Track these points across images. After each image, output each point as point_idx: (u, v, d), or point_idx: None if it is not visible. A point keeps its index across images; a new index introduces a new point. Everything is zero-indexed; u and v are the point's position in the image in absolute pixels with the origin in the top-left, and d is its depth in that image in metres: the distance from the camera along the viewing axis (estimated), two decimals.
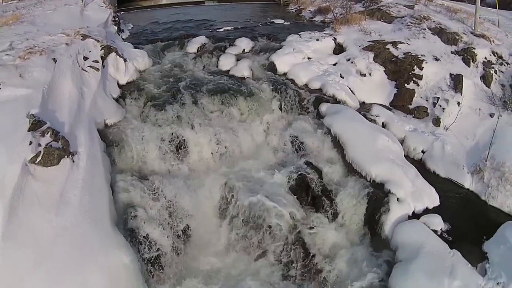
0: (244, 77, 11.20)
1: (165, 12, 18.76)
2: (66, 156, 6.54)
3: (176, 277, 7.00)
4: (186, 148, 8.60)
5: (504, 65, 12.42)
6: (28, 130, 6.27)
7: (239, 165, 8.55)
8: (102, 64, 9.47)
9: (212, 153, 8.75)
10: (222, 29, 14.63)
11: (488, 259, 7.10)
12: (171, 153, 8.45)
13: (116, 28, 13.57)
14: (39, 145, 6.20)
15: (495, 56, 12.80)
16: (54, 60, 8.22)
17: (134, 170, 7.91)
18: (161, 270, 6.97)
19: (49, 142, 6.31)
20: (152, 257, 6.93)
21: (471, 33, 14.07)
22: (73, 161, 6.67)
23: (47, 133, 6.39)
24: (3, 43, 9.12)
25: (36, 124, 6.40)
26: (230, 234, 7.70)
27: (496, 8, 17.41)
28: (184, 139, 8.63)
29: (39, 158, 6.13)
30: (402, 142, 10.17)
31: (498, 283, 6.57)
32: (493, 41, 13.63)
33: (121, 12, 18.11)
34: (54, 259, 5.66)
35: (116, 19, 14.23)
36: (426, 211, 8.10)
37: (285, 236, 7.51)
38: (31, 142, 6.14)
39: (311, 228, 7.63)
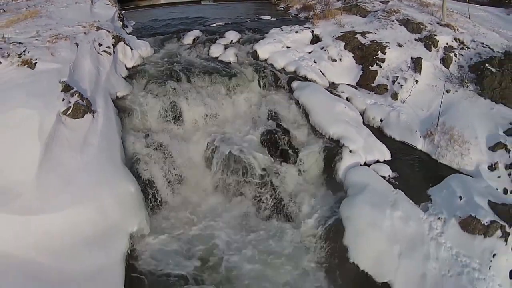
0: (230, 62, 13.64)
1: (163, 11, 21.22)
2: (88, 112, 8.96)
3: (170, 208, 9.29)
4: (181, 113, 10.99)
5: (465, 50, 14.77)
6: (61, 91, 8.70)
7: (223, 127, 10.96)
8: (113, 50, 11.94)
9: (201, 118, 11.09)
10: (214, 25, 17.11)
11: (432, 200, 9.14)
12: (169, 117, 10.82)
13: (121, 23, 16.07)
14: (69, 102, 8.64)
15: (457, 42, 15.16)
16: (76, 44, 10.72)
17: (139, 129, 10.33)
18: (159, 203, 9.28)
19: (77, 101, 8.74)
20: (152, 192, 9.25)
21: (437, 23, 16.52)
22: (93, 117, 9.08)
23: (75, 94, 8.83)
24: (30, 32, 11.59)
25: (66, 88, 8.86)
26: (214, 178, 10.03)
27: (483, 4, 20.21)
28: (179, 107, 11.00)
29: (69, 111, 8.56)
30: (363, 113, 12.53)
31: (439, 218, 8.59)
32: (457, 29, 16.06)
33: (122, 11, 20.47)
34: (77, 185, 7.94)
35: (121, 15, 16.74)
36: (377, 162, 10.31)
37: (257, 179, 9.78)
38: (63, 99, 8.58)
39: (278, 173, 9.91)
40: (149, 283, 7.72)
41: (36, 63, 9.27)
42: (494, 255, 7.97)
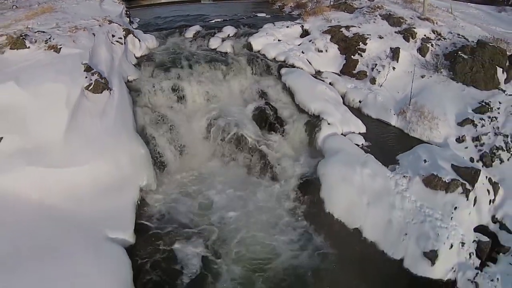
0: (227, 52, 15.51)
1: (165, 9, 23.14)
2: (106, 89, 10.78)
3: (174, 171, 11.03)
4: (184, 94, 12.79)
5: (441, 40, 16.57)
6: (84, 71, 10.54)
7: (220, 105, 12.74)
8: (124, 41, 13.78)
9: (201, 98, 12.89)
10: (213, 21, 19.01)
11: (399, 163, 10.81)
12: (173, 97, 12.63)
13: (128, 19, 17.97)
14: (91, 79, 10.45)
15: (434, 33, 16.98)
16: (93, 34, 12.58)
17: (148, 106, 12.11)
18: (164, 167, 11.05)
19: (97, 79, 10.56)
20: (159, 158, 11.01)
21: (418, 17, 18.38)
22: (110, 93, 10.89)
23: (95, 74, 10.66)
24: (51, 24, 13.41)
25: (88, 68, 10.69)
26: (211, 147, 11.82)
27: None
28: (182, 89, 12.81)
29: (90, 87, 10.38)
30: (344, 95, 14.29)
31: (404, 176, 10.21)
32: (436, 23, 17.92)
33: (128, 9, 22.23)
34: (98, 145, 9.73)
35: (127, 12, 18.65)
36: (353, 133, 12.04)
37: (248, 147, 11.54)
38: (86, 77, 10.41)
39: (267, 142, 11.67)
40: (154, 226, 9.44)
41: (60, 48, 11.11)
42: (455, 208, 9.48)
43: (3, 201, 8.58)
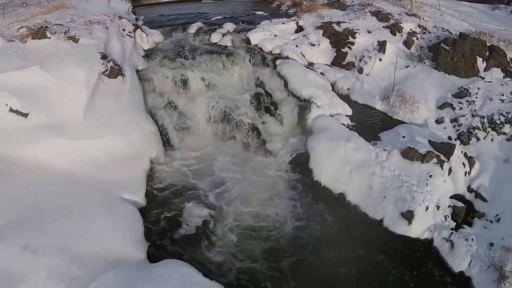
0: (227, 46, 17.03)
1: (167, 8, 24.64)
2: (120, 75, 12.28)
3: (179, 148, 12.51)
4: (188, 82, 14.26)
5: (426, 34, 18.07)
6: (100, 58, 12.03)
7: (220, 91, 14.21)
8: (133, 35, 15.28)
9: (204, 85, 14.34)
10: (214, 18, 20.57)
11: (380, 139, 12.26)
12: (178, 84, 14.11)
13: (134, 16, 19.50)
14: (107, 66, 11.97)
15: (420, 28, 18.49)
16: (106, 28, 14.11)
17: (156, 92, 13.57)
18: (171, 144, 12.49)
19: (112, 65, 12.08)
20: (166, 136, 12.45)
21: (406, 13, 19.91)
22: (123, 79, 12.41)
23: (111, 61, 12.17)
24: (66, 18, 14.94)
25: (104, 56, 12.21)
26: (212, 128, 13.30)
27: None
28: (186, 77, 14.30)
29: (107, 72, 11.88)
30: (334, 84, 15.73)
31: (384, 149, 11.65)
32: (423, 18, 19.47)
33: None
34: (113, 122, 11.24)
35: (133, 10, 20.18)
36: (339, 115, 13.46)
37: (245, 127, 12.98)
38: (102, 63, 11.92)
39: (263, 122, 13.12)
40: (162, 192, 10.89)
41: (79, 39, 12.63)
42: (430, 176, 10.89)
43: (31, 167, 10.04)
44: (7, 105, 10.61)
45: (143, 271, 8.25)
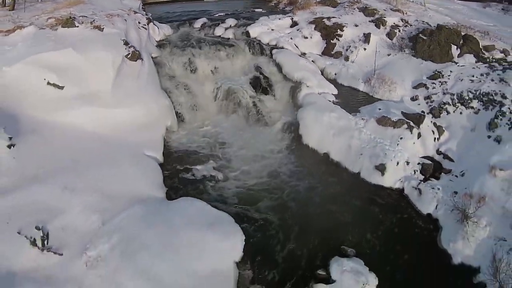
0: (229, 38, 19.67)
1: (172, 6, 27.21)
2: (139, 59, 14.91)
3: (189, 121, 15.04)
4: (196, 67, 16.85)
5: (408, 26, 20.71)
6: (123, 44, 14.65)
7: (224, 75, 16.81)
8: (147, 27, 17.90)
9: (210, 70, 16.94)
10: (217, 15, 23.23)
11: (360, 112, 14.82)
12: (188, 69, 16.70)
13: (144, 12, 22.12)
14: (129, 50, 14.60)
15: (403, 21, 21.14)
16: (125, 20, 16.76)
17: (169, 75, 16.16)
18: (183, 119, 15.03)
19: (133, 50, 14.73)
20: (178, 111, 15.00)
21: (391, 9, 22.49)
22: (142, 62, 15.03)
23: (131, 47, 14.82)
24: (87, 11, 17.49)
25: (126, 43, 14.89)
26: (217, 105, 15.90)
27: None
28: (195, 63, 16.89)
29: (129, 55, 14.51)
30: (323, 70, 18.29)
31: (363, 119, 14.25)
32: (406, 13, 22.12)
33: None
34: (135, 96, 13.89)
35: (143, 7, 22.83)
36: (326, 94, 16.00)
37: (246, 104, 15.51)
38: (125, 48, 14.50)
39: (260, 100, 15.68)
40: (176, 152, 13.46)
41: (103, 28, 15.27)
42: (401, 138, 13.44)
43: (67, 130, 12.58)
44: (45, 79, 13.22)
45: (163, 205, 10.74)
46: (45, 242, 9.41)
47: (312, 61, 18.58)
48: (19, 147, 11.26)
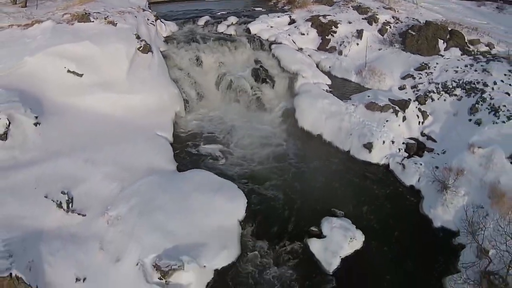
0: (231, 34, 21.39)
1: (176, 5, 28.82)
2: (150, 51, 16.60)
3: (196, 108, 16.63)
4: (201, 60, 18.47)
5: (399, 23, 22.44)
6: (135, 38, 16.27)
7: (227, 68, 18.45)
8: (155, 24, 19.53)
9: (214, 63, 18.59)
10: (219, 13, 24.95)
11: (351, 99, 16.47)
12: (193, 62, 18.31)
13: (150, 10, 23.76)
14: (140, 43, 16.26)
15: (394, 19, 22.90)
16: (135, 16, 18.42)
17: (177, 67, 17.77)
18: (190, 106, 16.60)
19: (144, 43, 16.40)
20: (186, 99, 16.57)
21: (383, 7, 24.19)
22: (152, 55, 16.68)
23: (143, 41, 16.50)
24: (99, 9, 19.14)
25: (137, 37, 16.60)
26: (221, 94, 17.51)
27: None
28: (200, 57, 18.54)
29: (141, 48, 16.18)
30: (318, 63, 19.92)
31: (353, 104, 15.94)
32: (397, 11, 23.85)
33: None
34: (147, 84, 15.67)
35: (150, 6, 24.45)
36: (320, 84, 17.61)
37: (247, 93, 17.10)
38: (137, 42, 16.15)
39: (260, 89, 17.29)
40: (185, 134, 15.07)
41: (116, 23, 16.94)
42: (387, 120, 15.12)
43: (86, 113, 14.20)
44: (65, 67, 14.82)
45: (174, 175, 12.33)
46: (70, 205, 10.95)
47: (309, 55, 20.23)
48: (44, 126, 12.86)
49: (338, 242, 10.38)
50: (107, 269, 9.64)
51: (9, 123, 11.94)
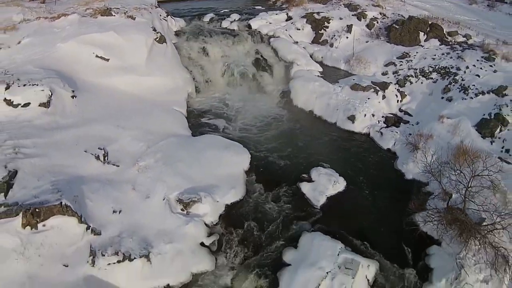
0: (234, 29, 24.64)
1: (181, 4, 32.12)
2: (164, 42, 19.79)
3: (205, 92, 19.66)
4: (208, 52, 21.56)
5: (385, 18, 25.85)
6: (152, 30, 19.35)
7: (231, 57, 21.53)
8: (167, 19, 22.63)
9: (219, 54, 21.74)
10: (222, 11, 28.27)
11: (338, 82, 19.58)
12: (201, 53, 21.42)
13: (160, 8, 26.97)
14: (157, 35, 19.39)
15: (381, 15, 26.20)
16: (150, 12, 21.55)
17: (186, 57, 20.84)
18: (199, 90, 19.62)
19: (160, 35, 19.58)
20: (196, 84, 19.63)
21: (372, 4, 27.41)
22: (166, 45, 19.78)
23: (158, 33, 19.65)
24: (117, 5, 22.27)
25: (154, 29, 19.76)
26: (226, 80, 20.65)
27: None
28: (207, 48, 21.65)
29: (157, 39, 19.46)
30: (312, 54, 23.05)
31: (340, 86, 19.27)
32: (385, 7, 27.04)
33: None
34: (164, 68, 18.87)
35: (158, 4, 27.59)
36: (313, 70, 20.70)
37: (248, 78, 20.18)
38: (154, 33, 19.28)
39: (261, 76, 20.38)
40: (196, 111, 18.06)
41: (135, 17, 20.04)
42: (368, 98, 18.35)
43: (113, 91, 17.21)
44: (93, 53, 17.85)
45: (190, 138, 15.50)
46: (106, 158, 13.80)
47: (303, 47, 23.40)
48: (79, 99, 15.83)
49: (324, 184, 13.35)
50: (139, 204, 12.49)
51: (51, 93, 14.81)
